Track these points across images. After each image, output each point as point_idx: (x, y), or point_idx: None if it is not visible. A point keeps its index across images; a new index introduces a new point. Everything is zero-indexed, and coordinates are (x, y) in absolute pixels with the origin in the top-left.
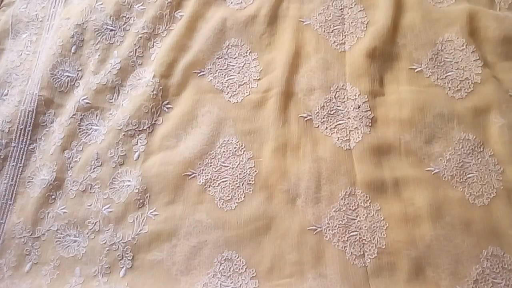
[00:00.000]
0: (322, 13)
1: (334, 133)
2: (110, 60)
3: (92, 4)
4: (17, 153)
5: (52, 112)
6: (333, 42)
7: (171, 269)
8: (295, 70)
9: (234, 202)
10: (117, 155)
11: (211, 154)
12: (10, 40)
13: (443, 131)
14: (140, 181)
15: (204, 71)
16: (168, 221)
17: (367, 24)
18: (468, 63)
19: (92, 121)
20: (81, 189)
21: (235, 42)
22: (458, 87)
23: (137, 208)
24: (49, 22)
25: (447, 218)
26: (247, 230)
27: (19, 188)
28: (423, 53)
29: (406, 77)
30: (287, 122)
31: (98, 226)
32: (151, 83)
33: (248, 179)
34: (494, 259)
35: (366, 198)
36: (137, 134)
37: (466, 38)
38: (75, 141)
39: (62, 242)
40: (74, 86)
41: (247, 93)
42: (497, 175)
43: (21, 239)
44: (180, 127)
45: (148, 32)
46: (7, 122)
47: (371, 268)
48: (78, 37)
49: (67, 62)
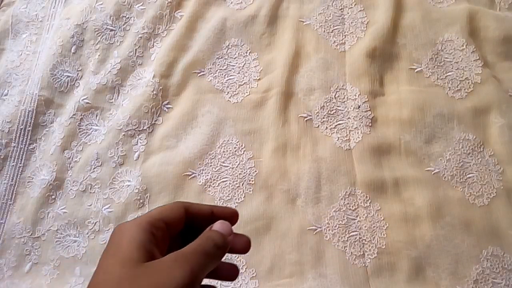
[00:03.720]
0: (322, 13)
1: (334, 133)
2: (110, 60)
3: (92, 4)
4: (17, 153)
5: (52, 112)
6: (333, 42)
7: None
8: (295, 70)
9: (234, 202)
10: (117, 155)
11: (211, 154)
12: (10, 40)
13: (443, 131)
14: (140, 181)
15: (204, 71)
16: None
17: (367, 24)
18: (468, 63)
19: (92, 121)
20: (81, 189)
21: (235, 42)
22: (458, 87)
23: (137, 208)
24: (49, 22)
25: (447, 218)
26: (247, 230)
27: (19, 188)
28: (423, 53)
29: (406, 77)
30: (287, 122)
31: (98, 226)
32: (151, 83)
33: (248, 179)
34: (494, 259)
35: (366, 198)
36: (137, 134)
37: (466, 38)
38: (75, 141)
39: (62, 242)
40: (74, 86)
41: (247, 93)
42: (497, 175)
43: (21, 239)
44: (180, 127)
45: (148, 32)
46: (7, 122)
47: (371, 268)
48: (78, 37)
49: (67, 62)
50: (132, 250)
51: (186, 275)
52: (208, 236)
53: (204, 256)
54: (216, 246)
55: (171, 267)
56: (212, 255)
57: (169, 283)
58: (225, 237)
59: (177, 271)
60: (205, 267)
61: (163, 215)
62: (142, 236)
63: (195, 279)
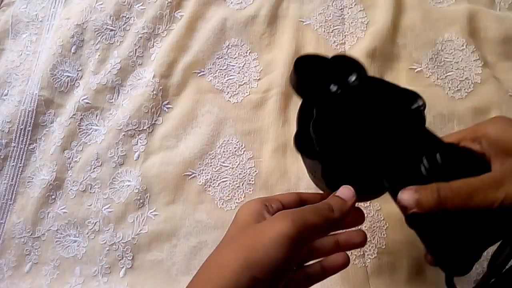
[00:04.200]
0: (322, 13)
1: None
2: (110, 60)
3: (92, 4)
4: (17, 153)
5: (52, 112)
6: (333, 42)
7: (171, 269)
8: None
9: (234, 202)
10: (117, 155)
11: (211, 154)
12: (10, 40)
13: (443, 131)
14: (140, 181)
15: (204, 71)
16: (168, 221)
17: (367, 24)
18: (468, 63)
19: (92, 121)
20: (81, 189)
21: (235, 42)
22: (458, 87)
23: (137, 208)
24: (49, 22)
25: None
26: None
27: (19, 188)
28: (423, 53)
29: (406, 77)
30: (287, 122)
31: (98, 226)
32: (151, 83)
33: (248, 179)
34: None
35: None
36: (137, 134)
37: (466, 38)
38: (75, 141)
39: (62, 242)
40: (74, 86)
41: (247, 93)
42: None
43: (21, 239)
44: (180, 127)
45: (148, 32)
46: (7, 122)
47: (371, 268)
48: (78, 37)
49: (67, 62)
50: (245, 216)
51: (286, 225)
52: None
53: (313, 214)
54: (330, 209)
55: (274, 218)
56: (323, 216)
57: (269, 231)
58: (344, 202)
59: (277, 222)
60: (311, 225)
61: (277, 197)
62: (254, 205)
63: (297, 232)
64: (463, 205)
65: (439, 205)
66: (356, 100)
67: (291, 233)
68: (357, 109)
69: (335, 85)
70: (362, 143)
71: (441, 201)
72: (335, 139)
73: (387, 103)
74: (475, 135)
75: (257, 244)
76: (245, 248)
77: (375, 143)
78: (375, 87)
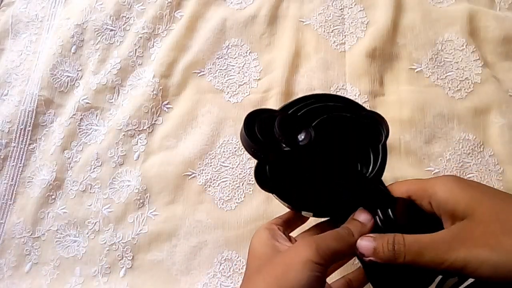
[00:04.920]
0: (322, 13)
1: None
2: (110, 60)
3: (92, 4)
4: (17, 153)
5: (52, 112)
6: (333, 42)
7: (171, 269)
8: (295, 70)
9: (234, 202)
10: (117, 155)
11: (211, 154)
12: (10, 40)
13: (443, 131)
14: (140, 181)
15: (204, 71)
16: (168, 221)
17: (367, 24)
18: (468, 63)
19: (92, 121)
20: (81, 189)
21: (235, 42)
22: (458, 87)
23: (137, 208)
24: (49, 22)
25: None
26: (247, 230)
27: (19, 188)
28: (423, 53)
29: (406, 77)
30: None
31: (98, 226)
32: (151, 83)
33: (248, 179)
34: None
35: None
36: (137, 134)
37: (466, 38)
38: (75, 141)
39: (62, 242)
40: (74, 86)
41: (247, 93)
42: (497, 175)
43: (21, 239)
44: (180, 127)
45: (148, 32)
46: (7, 122)
47: None
48: (78, 37)
49: (67, 62)
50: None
51: (312, 253)
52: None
53: (335, 239)
54: (350, 234)
55: (298, 246)
56: (345, 241)
57: (296, 259)
58: (363, 225)
59: (302, 250)
60: (334, 250)
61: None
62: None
63: (322, 259)
64: (413, 262)
65: (393, 258)
66: (307, 159)
67: (316, 260)
68: (308, 167)
69: (285, 145)
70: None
71: (395, 254)
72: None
73: (338, 159)
74: (423, 193)
75: (287, 273)
76: (276, 278)
77: (329, 197)
78: (326, 143)
